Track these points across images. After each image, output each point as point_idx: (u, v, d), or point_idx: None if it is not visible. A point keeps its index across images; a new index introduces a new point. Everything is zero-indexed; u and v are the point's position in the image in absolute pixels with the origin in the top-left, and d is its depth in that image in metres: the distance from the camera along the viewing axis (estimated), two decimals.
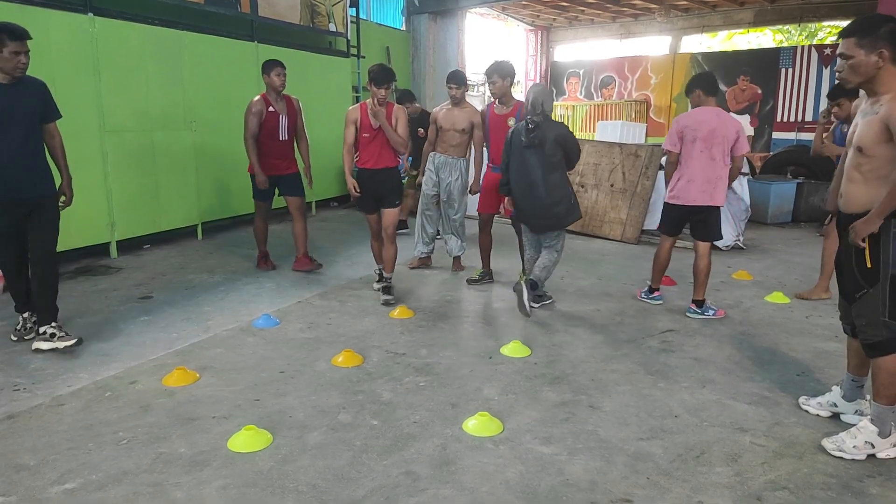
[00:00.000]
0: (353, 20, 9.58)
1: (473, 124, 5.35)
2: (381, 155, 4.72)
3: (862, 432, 2.70)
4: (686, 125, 4.46)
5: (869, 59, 2.53)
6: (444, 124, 5.41)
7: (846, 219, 2.73)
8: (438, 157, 5.52)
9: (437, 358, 3.77)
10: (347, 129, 4.68)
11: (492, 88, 5.04)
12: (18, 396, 3.20)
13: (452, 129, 5.38)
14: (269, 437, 2.79)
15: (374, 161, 4.71)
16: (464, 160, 5.52)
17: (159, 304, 4.72)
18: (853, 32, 2.57)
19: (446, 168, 5.50)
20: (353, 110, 4.72)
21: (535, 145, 4.35)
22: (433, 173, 5.56)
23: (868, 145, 2.58)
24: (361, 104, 4.71)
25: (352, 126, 4.68)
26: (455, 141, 5.42)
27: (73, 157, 5.58)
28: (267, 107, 5.31)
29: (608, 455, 2.71)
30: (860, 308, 2.70)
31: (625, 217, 7.31)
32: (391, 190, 4.82)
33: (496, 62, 5.02)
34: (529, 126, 4.35)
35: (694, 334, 4.24)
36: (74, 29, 5.57)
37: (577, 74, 15.88)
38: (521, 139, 4.41)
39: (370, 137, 4.67)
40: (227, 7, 7.24)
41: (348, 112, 4.74)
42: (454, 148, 5.45)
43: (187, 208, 6.88)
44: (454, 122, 5.37)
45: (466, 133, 5.38)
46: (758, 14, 13.61)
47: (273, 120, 5.34)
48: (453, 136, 5.40)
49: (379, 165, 4.72)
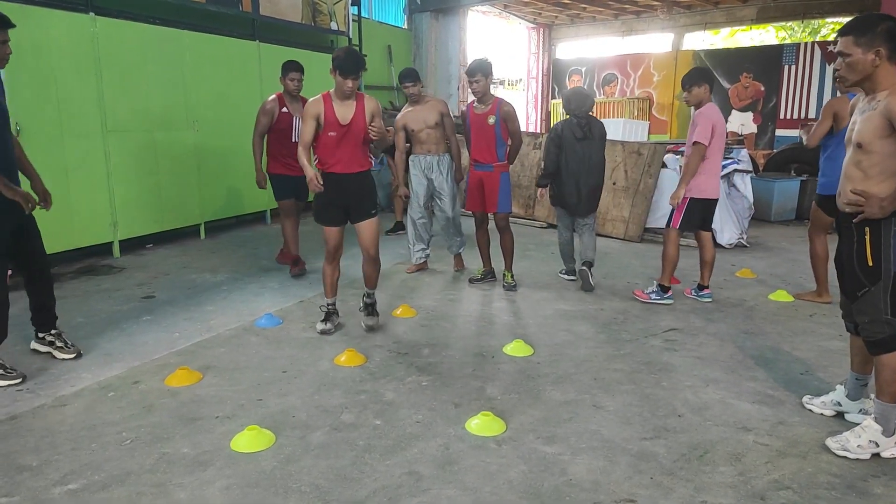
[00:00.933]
0: (355, 18, 9.58)
1: (442, 114, 5.29)
2: (352, 157, 3.93)
3: (866, 431, 2.69)
4: (717, 120, 4.57)
5: (866, 57, 2.55)
6: (415, 126, 5.31)
7: (846, 217, 2.72)
8: (424, 158, 5.41)
9: (439, 357, 3.77)
10: (306, 125, 3.82)
11: (475, 87, 4.94)
12: (21, 396, 3.21)
13: (425, 127, 5.29)
14: (272, 437, 2.79)
15: (344, 164, 3.91)
16: (447, 155, 5.46)
17: (162, 304, 4.73)
18: (851, 31, 2.60)
19: (434, 168, 5.42)
20: (315, 102, 3.84)
21: (588, 137, 5.05)
22: (422, 177, 5.45)
23: (868, 140, 2.59)
24: (325, 95, 3.86)
25: (313, 122, 3.81)
26: (433, 138, 5.34)
27: (75, 158, 5.64)
28: (280, 107, 5.22)
29: (611, 455, 2.71)
30: (862, 306, 2.70)
31: (627, 215, 7.30)
32: (365, 196, 4.03)
33: (477, 61, 4.95)
34: (582, 122, 5.03)
35: (697, 333, 4.23)
36: (75, 28, 5.57)
37: (579, 72, 15.84)
38: (576, 133, 5.04)
39: (338, 136, 3.85)
40: (229, 6, 7.24)
41: (309, 104, 3.84)
42: (435, 145, 5.37)
43: (189, 208, 6.88)
44: (424, 120, 5.28)
45: (439, 126, 5.31)
46: (761, 11, 13.57)
47: (286, 121, 5.24)
48: (429, 134, 5.32)
49: (351, 170, 3.93)
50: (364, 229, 4.03)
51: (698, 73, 4.65)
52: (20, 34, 5.08)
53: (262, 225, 7.91)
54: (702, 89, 4.57)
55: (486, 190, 5.11)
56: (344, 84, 3.73)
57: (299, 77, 5.21)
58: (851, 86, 2.69)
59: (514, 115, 5.07)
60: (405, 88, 5.27)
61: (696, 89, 4.57)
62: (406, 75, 5.29)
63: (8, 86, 4.99)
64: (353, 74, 3.72)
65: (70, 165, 5.59)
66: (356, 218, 4.02)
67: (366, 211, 4.02)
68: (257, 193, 7.77)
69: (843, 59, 2.63)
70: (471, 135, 5.13)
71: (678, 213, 4.70)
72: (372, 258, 4.11)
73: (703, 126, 4.50)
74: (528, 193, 8.29)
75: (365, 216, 4.02)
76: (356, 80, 3.77)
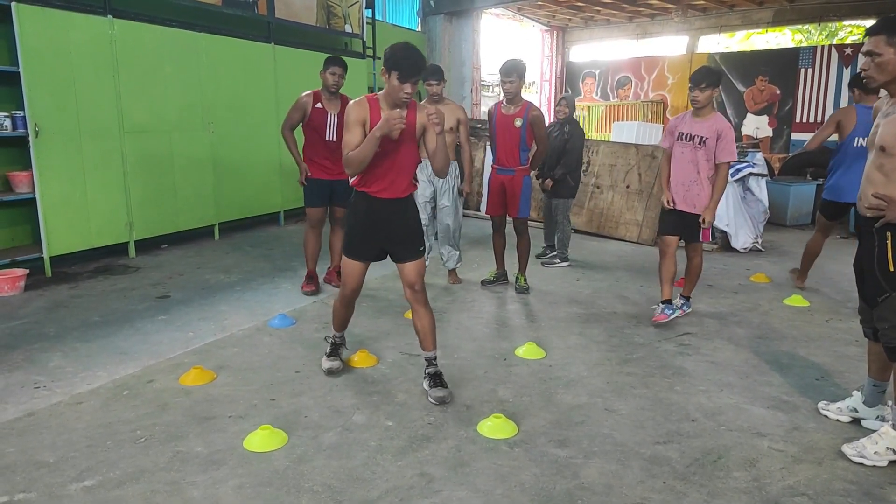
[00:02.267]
0: (369, 21, 9.61)
1: (459, 121, 5.05)
2: (397, 178, 3.16)
3: (883, 438, 2.65)
4: None
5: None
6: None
7: (867, 222, 2.69)
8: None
9: (451, 359, 3.77)
10: (352, 132, 3.04)
11: (508, 87, 4.84)
12: (39, 394, 3.25)
13: None
14: (284, 437, 2.80)
15: (387, 186, 3.15)
16: (455, 163, 5.19)
17: (176, 304, 4.77)
18: (882, 30, 2.55)
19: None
20: (359, 107, 3.08)
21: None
22: (427, 183, 5.21)
23: (891, 144, 2.55)
24: (370, 98, 3.13)
25: (359, 128, 3.04)
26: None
27: (92, 158, 5.71)
28: (314, 103, 4.86)
29: (624, 459, 2.69)
30: (883, 311, 2.65)
31: (641, 219, 7.26)
32: (411, 232, 3.26)
33: (513, 61, 4.85)
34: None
35: (711, 337, 4.20)
36: (94, 31, 5.64)
37: (592, 75, 15.79)
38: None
39: (384, 153, 3.06)
40: (245, 9, 7.30)
41: (351, 107, 3.08)
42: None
43: (204, 208, 6.94)
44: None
45: (454, 132, 5.01)
46: (777, 13, 13.45)
47: (319, 118, 4.86)
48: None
49: (396, 194, 3.18)
50: (410, 269, 3.24)
51: (712, 74, 4.27)
52: (40, 36, 5.20)
53: (276, 226, 7.95)
54: (715, 92, 4.27)
55: (507, 194, 5.06)
56: (401, 89, 2.98)
57: (341, 73, 4.85)
58: (879, 86, 2.64)
59: (542, 120, 5.00)
60: (429, 86, 4.96)
61: (710, 91, 4.21)
62: (432, 72, 4.96)
63: (28, 87, 5.11)
64: (414, 78, 2.99)
65: (87, 166, 5.66)
66: (402, 258, 3.25)
67: (414, 252, 3.25)
68: (271, 195, 7.87)
69: (873, 58, 2.58)
70: (495, 135, 5.06)
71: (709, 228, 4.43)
72: (420, 297, 3.26)
73: (733, 139, 4.23)
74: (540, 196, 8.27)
75: (413, 257, 3.24)
76: (415, 86, 3.05)
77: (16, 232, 5.72)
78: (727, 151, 4.20)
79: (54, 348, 3.85)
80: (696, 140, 4.26)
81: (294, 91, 5.41)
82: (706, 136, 4.22)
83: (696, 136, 4.26)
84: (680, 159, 4.36)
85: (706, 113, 4.29)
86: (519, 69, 4.82)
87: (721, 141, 4.19)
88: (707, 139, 4.22)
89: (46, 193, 5.34)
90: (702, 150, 4.25)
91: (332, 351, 3.62)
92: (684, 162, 4.33)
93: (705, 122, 4.25)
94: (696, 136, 4.26)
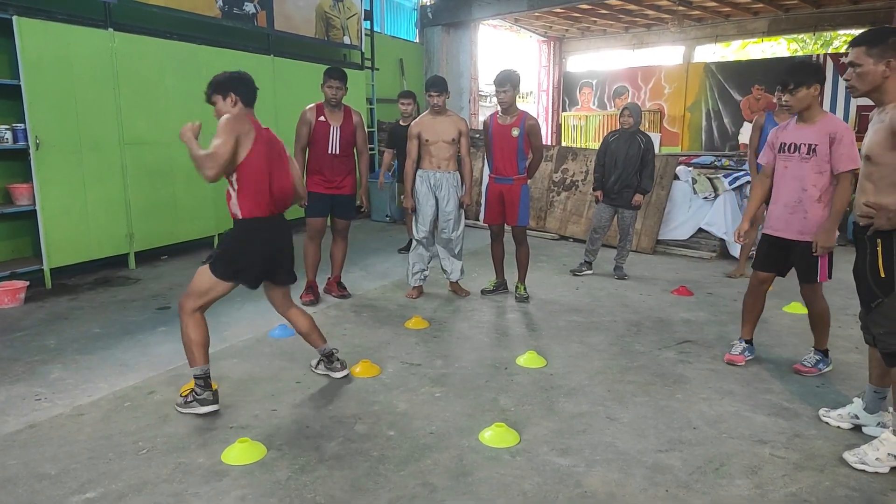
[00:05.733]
0: (368, 33, 9.68)
1: (461, 132, 5.06)
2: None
3: (884, 444, 2.66)
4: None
5: (877, 68, 2.61)
6: (430, 136, 5.02)
7: (861, 230, 2.73)
8: (433, 174, 5.09)
9: (452, 368, 3.77)
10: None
11: (502, 97, 4.87)
12: (40, 406, 3.24)
13: (441, 140, 5.02)
14: (263, 450, 2.78)
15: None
16: (457, 174, 5.18)
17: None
18: (863, 42, 2.66)
19: (443, 186, 5.11)
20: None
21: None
22: (430, 194, 5.13)
23: (876, 153, 2.64)
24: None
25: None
26: (446, 154, 5.06)
27: (92, 170, 5.72)
28: (318, 116, 4.88)
29: (626, 467, 2.69)
30: (877, 317, 2.70)
31: (640, 227, 7.28)
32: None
33: (506, 71, 4.89)
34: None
35: (712, 345, 4.20)
36: (95, 44, 5.68)
37: (590, 84, 15.87)
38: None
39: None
40: (244, 21, 7.35)
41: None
42: (446, 161, 5.07)
43: (204, 220, 6.95)
44: (441, 133, 5.02)
45: (456, 143, 5.07)
46: (772, 23, 13.55)
47: (322, 130, 4.87)
48: (443, 149, 5.04)
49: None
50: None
51: (806, 70, 3.47)
52: (41, 50, 5.23)
53: None
54: (811, 90, 3.43)
55: (506, 203, 5.08)
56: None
57: (339, 85, 4.84)
58: (861, 96, 2.72)
59: (538, 129, 5.04)
60: (430, 97, 5.00)
61: (805, 91, 3.43)
62: (433, 83, 5.01)
63: (28, 100, 5.14)
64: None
65: (88, 178, 5.68)
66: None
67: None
68: None
69: (854, 69, 2.69)
70: (492, 146, 5.08)
71: (825, 263, 3.56)
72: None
73: (853, 142, 3.34)
74: (539, 205, 8.30)
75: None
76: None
77: (16, 244, 5.73)
78: (847, 158, 3.33)
79: (55, 360, 3.85)
80: (803, 150, 3.47)
81: (293, 102, 5.45)
82: (815, 144, 3.43)
83: (802, 145, 3.48)
84: (783, 176, 3.59)
85: (813, 115, 3.48)
86: (512, 79, 4.86)
87: (837, 145, 3.35)
88: (817, 146, 3.42)
89: (47, 206, 5.36)
90: (811, 162, 3.45)
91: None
92: (788, 178, 3.56)
93: (813, 127, 3.46)
94: (801, 144, 3.48)
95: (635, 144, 5.82)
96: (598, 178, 6.02)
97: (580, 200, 8.03)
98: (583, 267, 6.22)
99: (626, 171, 5.81)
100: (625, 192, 5.87)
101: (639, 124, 5.95)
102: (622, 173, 5.81)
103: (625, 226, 6.04)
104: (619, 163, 5.81)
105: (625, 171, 5.81)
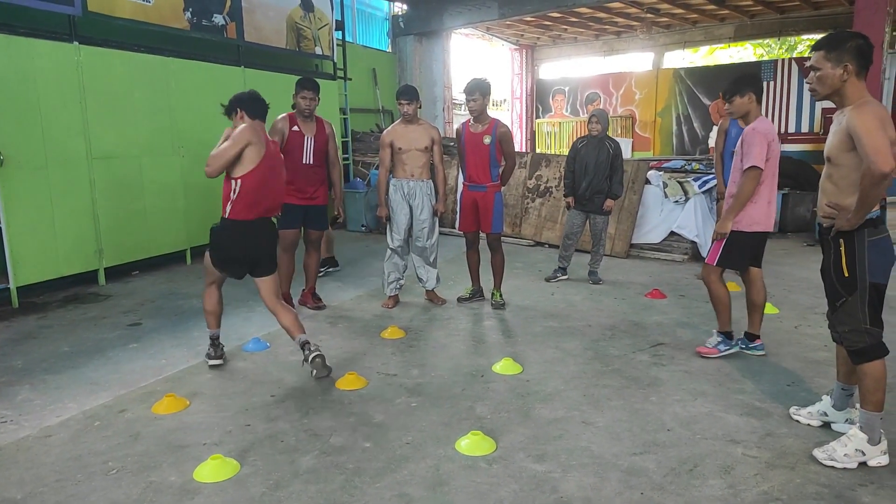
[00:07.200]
0: (339, 43, 9.66)
1: (434, 140, 5.08)
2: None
3: (852, 440, 2.71)
4: (773, 137, 3.76)
5: (835, 71, 2.67)
6: (403, 145, 5.04)
7: (825, 231, 2.80)
8: (406, 183, 5.10)
9: (428, 377, 3.76)
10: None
11: (472, 105, 4.90)
12: (5, 428, 3.16)
13: (413, 148, 5.04)
14: (236, 466, 2.74)
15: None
16: (431, 182, 5.20)
17: (148, 331, 4.69)
18: (822, 46, 2.72)
19: (417, 194, 5.12)
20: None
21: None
22: (404, 203, 5.14)
23: (835, 154, 2.71)
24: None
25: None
26: (420, 161, 5.08)
27: (59, 186, 5.62)
28: (291, 126, 4.86)
29: (602, 471, 2.71)
30: (841, 316, 2.77)
31: (613, 231, 7.36)
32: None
33: (476, 80, 4.93)
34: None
35: (684, 347, 4.25)
36: (60, 58, 5.59)
37: (562, 91, 16.02)
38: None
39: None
40: (214, 33, 7.29)
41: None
42: (420, 169, 5.10)
43: (175, 233, 6.86)
44: (414, 141, 5.04)
45: (429, 151, 5.09)
46: (738, 29, 13.84)
47: (297, 140, 4.86)
48: (417, 157, 5.07)
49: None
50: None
51: (741, 81, 3.89)
52: (5, 64, 5.14)
53: None
54: (745, 99, 3.84)
55: (480, 210, 5.10)
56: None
57: (311, 95, 4.84)
58: (822, 98, 2.79)
59: (510, 136, 5.07)
60: (401, 106, 4.99)
61: (739, 99, 3.85)
62: (404, 92, 5.02)
63: None
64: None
65: (54, 193, 5.57)
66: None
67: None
68: None
69: (815, 72, 2.75)
70: (465, 154, 5.10)
71: (717, 248, 3.92)
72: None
73: (760, 146, 3.67)
74: (514, 212, 8.34)
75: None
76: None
77: None
78: (747, 156, 3.72)
79: (22, 381, 3.76)
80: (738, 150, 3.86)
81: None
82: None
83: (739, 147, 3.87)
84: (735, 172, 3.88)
85: (750, 120, 3.87)
86: (482, 87, 4.89)
87: (744, 145, 3.77)
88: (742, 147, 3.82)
89: (12, 223, 5.24)
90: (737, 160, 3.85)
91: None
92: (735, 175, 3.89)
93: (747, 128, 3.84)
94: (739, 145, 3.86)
95: (604, 150, 5.89)
96: (568, 184, 6.08)
97: (554, 207, 8.09)
98: (557, 273, 6.25)
99: (597, 177, 5.88)
100: (596, 197, 5.93)
101: (606, 130, 6.02)
102: (593, 179, 5.87)
103: (597, 231, 6.10)
104: (590, 169, 5.87)
105: (595, 176, 5.87)
